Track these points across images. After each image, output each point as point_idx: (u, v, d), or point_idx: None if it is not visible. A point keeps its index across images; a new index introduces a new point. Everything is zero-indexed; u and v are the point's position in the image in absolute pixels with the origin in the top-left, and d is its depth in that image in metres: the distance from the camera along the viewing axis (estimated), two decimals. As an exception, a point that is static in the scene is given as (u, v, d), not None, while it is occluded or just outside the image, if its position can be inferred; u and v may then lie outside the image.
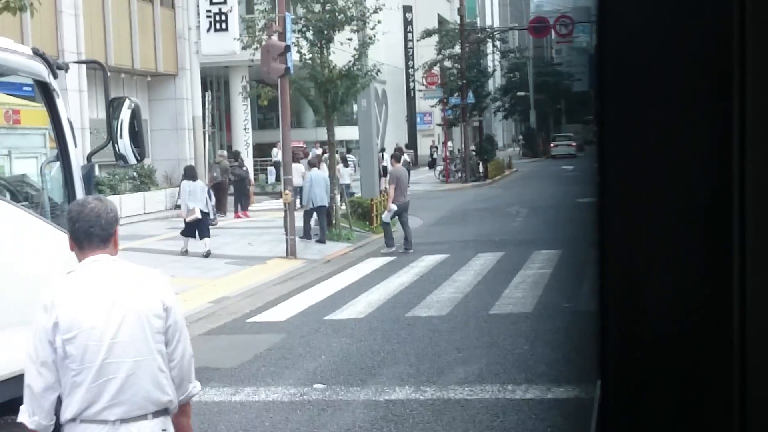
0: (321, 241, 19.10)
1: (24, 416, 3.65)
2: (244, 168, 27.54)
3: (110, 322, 3.64)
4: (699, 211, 0.89)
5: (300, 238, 18.92)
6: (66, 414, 3.68)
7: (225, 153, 29.11)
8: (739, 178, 0.88)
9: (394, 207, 18.43)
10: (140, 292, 3.75)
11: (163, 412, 3.74)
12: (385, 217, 18.93)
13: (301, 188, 20.74)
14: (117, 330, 3.64)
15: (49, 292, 3.75)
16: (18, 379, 4.29)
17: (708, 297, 0.89)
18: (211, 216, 18.74)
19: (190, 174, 18.36)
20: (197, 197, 17.38)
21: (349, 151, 32.56)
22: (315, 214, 19.40)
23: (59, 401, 3.70)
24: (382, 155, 38.57)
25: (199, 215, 17.22)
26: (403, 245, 18.24)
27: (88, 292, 3.70)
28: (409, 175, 37.21)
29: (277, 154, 34.49)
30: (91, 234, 3.74)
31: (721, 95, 0.88)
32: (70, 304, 3.66)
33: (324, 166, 21.04)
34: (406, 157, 37.56)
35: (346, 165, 28.05)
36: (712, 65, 0.89)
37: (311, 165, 20.36)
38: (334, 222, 20.54)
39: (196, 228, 17.28)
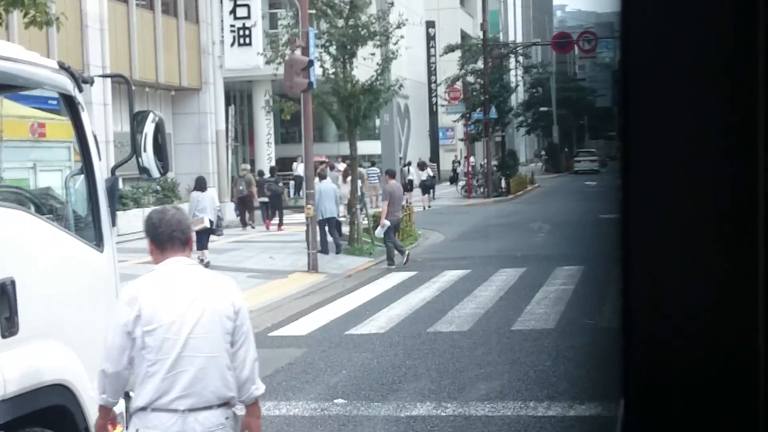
0: (337, 252, 19.12)
1: (94, 392, 4.15)
2: (280, 184, 27.67)
3: (188, 318, 4.01)
4: (725, 227, 0.88)
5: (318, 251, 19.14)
6: (138, 402, 4.05)
7: (248, 167, 29.30)
8: (764, 194, 0.87)
9: (388, 223, 18.54)
10: (215, 293, 4.17)
11: (226, 404, 4.10)
12: (378, 232, 19.15)
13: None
14: (194, 326, 4.01)
15: (133, 287, 4.16)
16: (42, 391, 4.32)
17: (735, 316, 0.88)
18: (215, 227, 18.76)
19: (199, 185, 18.54)
20: (206, 207, 17.50)
21: (372, 164, 32.55)
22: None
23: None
24: (408, 168, 38.78)
25: (207, 224, 17.28)
26: (386, 261, 18.49)
27: (169, 289, 4.11)
28: (434, 189, 37.55)
29: (297, 168, 34.67)
30: (173, 237, 4.21)
31: (746, 110, 0.88)
32: (152, 299, 4.05)
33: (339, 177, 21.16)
34: (429, 171, 37.76)
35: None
36: (737, 80, 0.88)
37: (321, 177, 20.46)
38: (356, 236, 20.56)
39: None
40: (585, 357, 9.93)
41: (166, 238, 4.22)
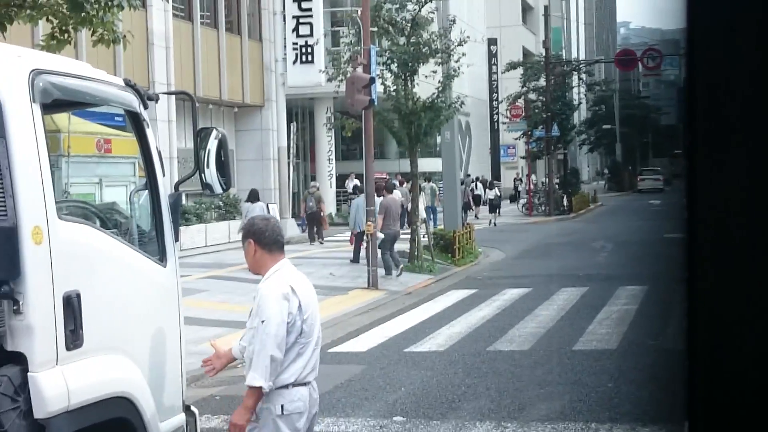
0: (387, 273, 19.16)
1: (260, 381, 4.70)
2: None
3: (315, 305, 5.00)
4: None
5: (350, 261, 20.17)
6: (285, 380, 4.80)
7: (318, 185, 29.55)
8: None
9: (381, 235, 18.61)
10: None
11: None
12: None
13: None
14: (317, 312, 5.01)
15: (283, 282, 4.85)
16: (105, 403, 4.37)
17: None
18: None
19: (251, 196, 19.93)
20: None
21: (428, 180, 32.48)
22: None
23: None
24: (476, 184, 39.05)
25: None
26: (385, 270, 18.70)
27: (302, 282, 4.97)
28: (500, 207, 37.63)
29: (348, 185, 34.86)
30: (278, 241, 4.98)
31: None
32: (301, 290, 4.87)
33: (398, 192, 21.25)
34: (497, 190, 38.14)
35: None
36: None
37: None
38: (416, 254, 20.55)
39: None
40: (648, 378, 9.80)
41: (273, 241, 4.92)
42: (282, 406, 4.81)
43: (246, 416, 4.81)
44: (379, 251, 18.66)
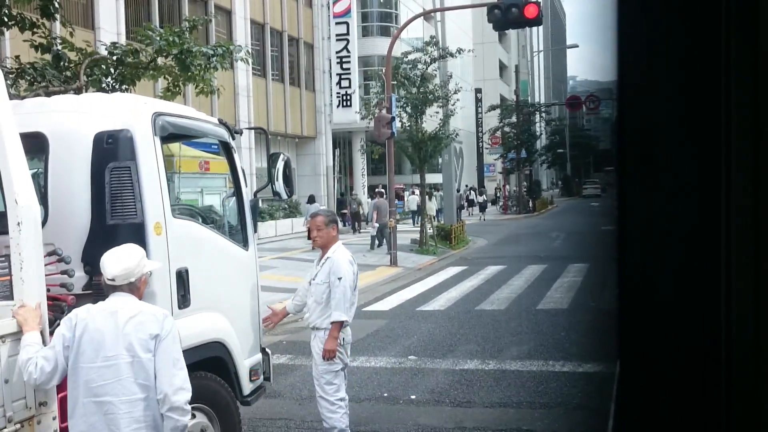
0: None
1: (344, 316, 4.97)
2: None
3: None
4: (694, 234, 0.87)
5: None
6: (346, 320, 5.02)
7: (357, 194, 30.36)
8: (725, 210, 0.86)
9: (377, 225, 20.35)
10: None
11: None
12: (371, 231, 21.31)
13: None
14: None
15: (345, 251, 5.13)
16: (207, 346, 4.40)
17: (700, 297, 0.87)
18: None
19: (310, 199, 21.52)
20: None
21: (437, 189, 32.55)
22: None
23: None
24: (470, 191, 39.44)
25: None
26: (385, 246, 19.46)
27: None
28: (486, 209, 37.83)
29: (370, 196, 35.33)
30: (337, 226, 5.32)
31: (707, 148, 0.86)
32: (354, 260, 5.22)
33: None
34: (485, 196, 39.03)
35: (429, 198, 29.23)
36: (701, 129, 0.87)
37: (311, 201, 22.66)
38: (424, 241, 20.53)
39: None
40: (590, 329, 9.75)
41: (338, 228, 5.33)
42: (343, 339, 5.05)
43: (335, 344, 5.04)
44: (373, 231, 20.46)
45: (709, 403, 0.87)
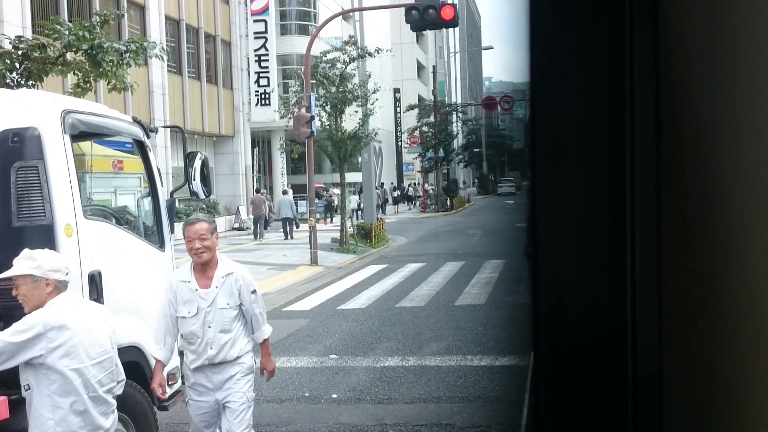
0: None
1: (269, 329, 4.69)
2: (333, 199, 31.00)
3: None
4: (601, 228, 0.90)
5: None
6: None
7: (289, 188, 31.32)
8: (630, 204, 0.89)
9: (252, 216, 22.85)
10: None
11: None
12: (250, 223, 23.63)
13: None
14: None
15: (236, 263, 4.60)
16: (121, 352, 4.26)
17: (608, 290, 0.90)
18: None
19: (284, 192, 23.71)
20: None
21: (360, 191, 32.84)
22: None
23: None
24: (383, 187, 39.60)
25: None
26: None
27: None
28: (400, 203, 38.63)
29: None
30: None
31: (612, 146, 0.90)
32: None
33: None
34: (398, 192, 39.61)
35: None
36: (606, 127, 0.90)
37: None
38: (344, 239, 20.51)
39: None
40: (506, 323, 9.96)
41: None
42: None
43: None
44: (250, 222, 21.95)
45: (616, 389, 0.90)
